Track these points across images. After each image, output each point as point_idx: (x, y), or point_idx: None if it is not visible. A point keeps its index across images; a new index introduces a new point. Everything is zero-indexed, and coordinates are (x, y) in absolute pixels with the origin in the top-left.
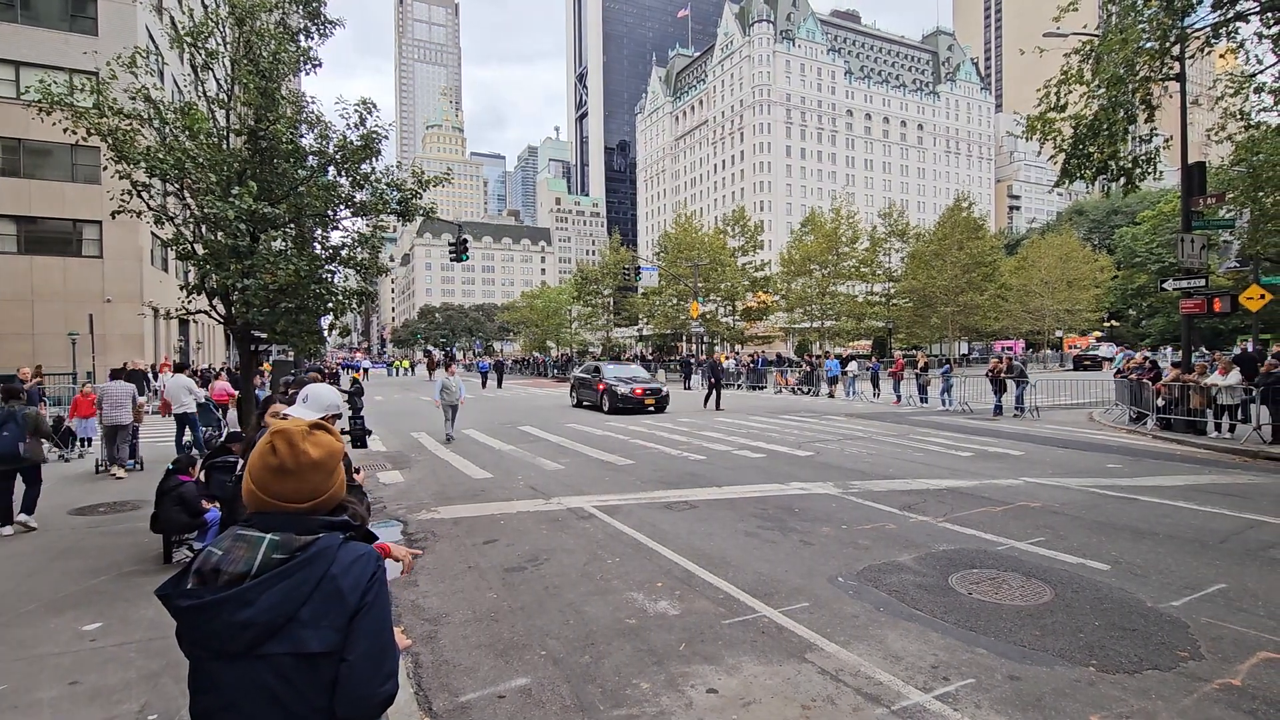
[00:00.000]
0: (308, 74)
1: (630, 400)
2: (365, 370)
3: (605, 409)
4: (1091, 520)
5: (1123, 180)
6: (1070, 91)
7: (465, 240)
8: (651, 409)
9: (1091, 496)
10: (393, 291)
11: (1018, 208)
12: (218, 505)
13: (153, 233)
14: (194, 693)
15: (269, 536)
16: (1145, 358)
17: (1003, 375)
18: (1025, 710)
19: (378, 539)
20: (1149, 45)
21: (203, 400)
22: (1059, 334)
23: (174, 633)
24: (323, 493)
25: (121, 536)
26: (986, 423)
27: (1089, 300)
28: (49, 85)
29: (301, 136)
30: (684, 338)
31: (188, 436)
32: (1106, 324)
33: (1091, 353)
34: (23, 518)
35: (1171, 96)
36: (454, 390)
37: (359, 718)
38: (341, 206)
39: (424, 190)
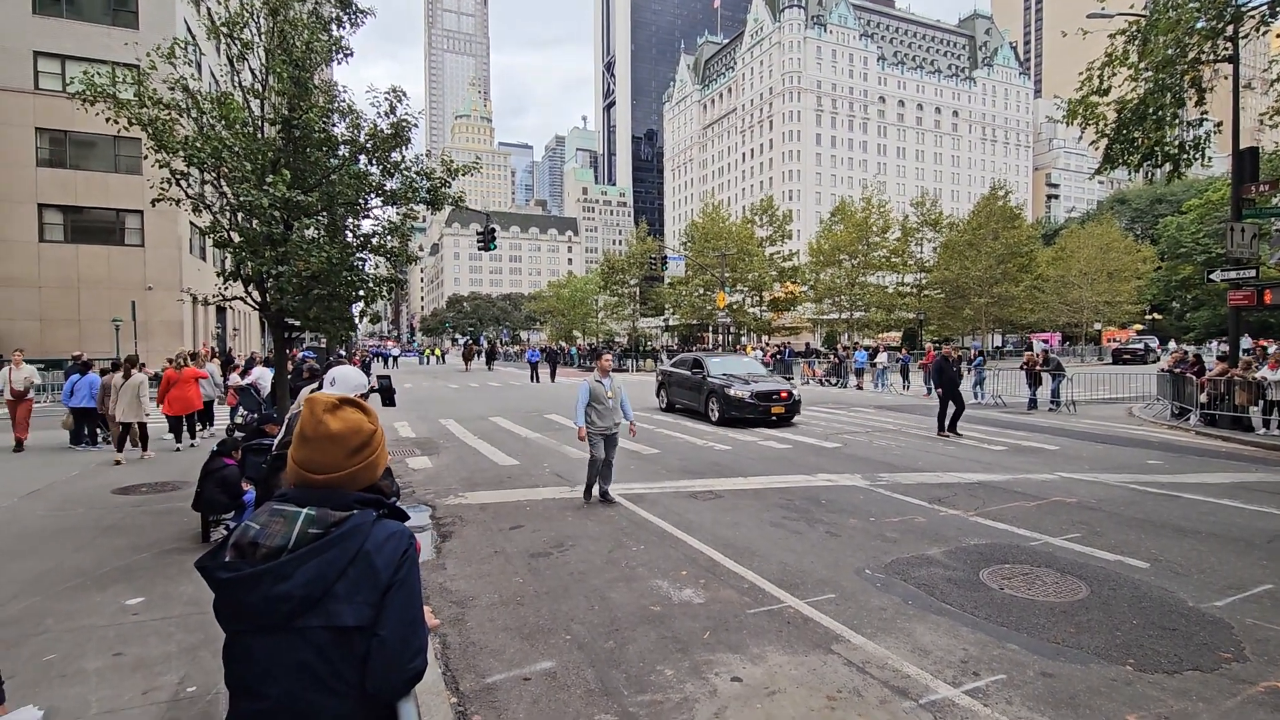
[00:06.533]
0: (339, 63)
1: (749, 407)
2: (395, 359)
3: (714, 417)
4: (1130, 517)
5: (1169, 166)
6: (1115, 74)
7: (493, 229)
8: (776, 419)
9: (1130, 493)
10: (422, 281)
11: (1056, 196)
12: (254, 487)
13: (191, 222)
14: (228, 663)
15: (305, 511)
16: (1186, 351)
17: (1038, 368)
18: (1058, 708)
19: (409, 518)
20: (1200, 25)
21: (243, 385)
22: (1097, 327)
23: (211, 605)
24: (339, 469)
25: (162, 515)
26: (1020, 416)
27: (1130, 292)
28: (92, 76)
29: (333, 125)
30: (710, 328)
31: (236, 418)
32: (1148, 317)
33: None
34: None
35: (1225, 79)
36: (608, 404)
37: (388, 692)
38: (372, 195)
39: (453, 179)
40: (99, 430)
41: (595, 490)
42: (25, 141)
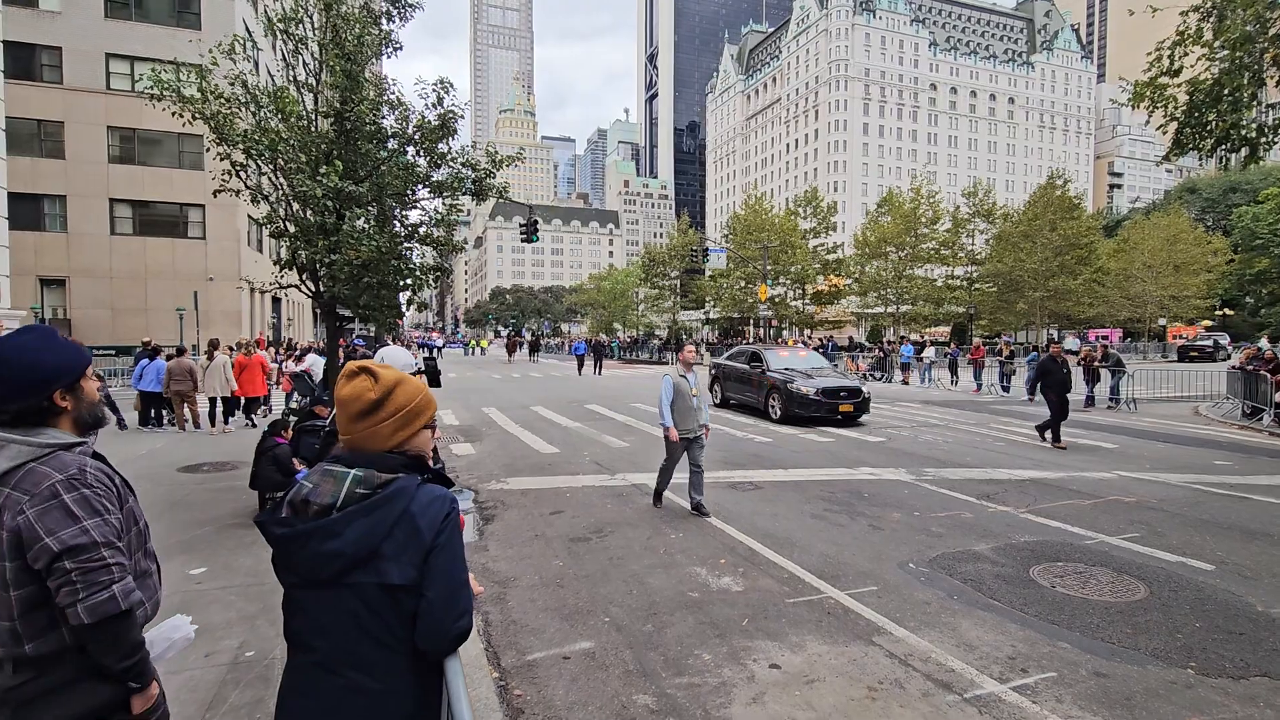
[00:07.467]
0: (388, 57)
1: (815, 404)
2: (440, 349)
3: (775, 415)
4: (1194, 518)
5: (1245, 151)
6: (1186, 54)
7: (535, 221)
8: (843, 418)
9: (1194, 493)
10: (466, 273)
11: (1119, 186)
12: (306, 466)
13: (249, 215)
14: (287, 617)
15: (353, 472)
16: (1260, 348)
17: (1096, 364)
18: (1112, 708)
19: (454, 484)
20: None
21: (297, 372)
22: (1162, 322)
23: (269, 575)
24: (349, 432)
25: (222, 493)
26: (1077, 414)
27: (1198, 286)
28: (159, 74)
29: (383, 118)
30: (752, 321)
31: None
32: (1218, 312)
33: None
34: None
35: None
36: (691, 402)
37: (435, 649)
38: (420, 186)
39: (497, 169)
40: (165, 412)
41: (691, 500)
42: (98, 139)
